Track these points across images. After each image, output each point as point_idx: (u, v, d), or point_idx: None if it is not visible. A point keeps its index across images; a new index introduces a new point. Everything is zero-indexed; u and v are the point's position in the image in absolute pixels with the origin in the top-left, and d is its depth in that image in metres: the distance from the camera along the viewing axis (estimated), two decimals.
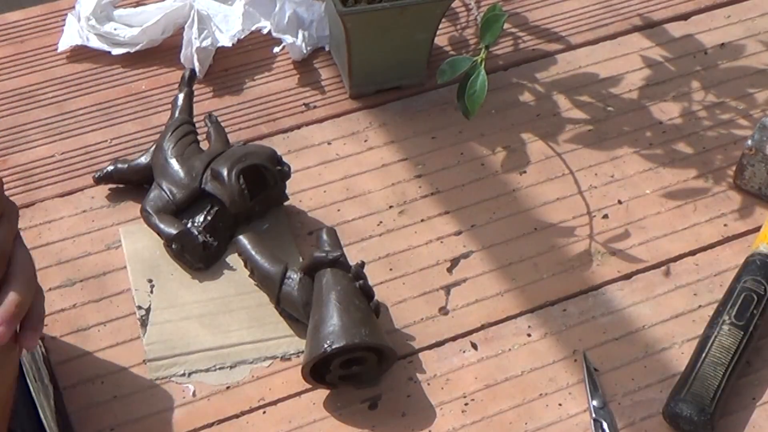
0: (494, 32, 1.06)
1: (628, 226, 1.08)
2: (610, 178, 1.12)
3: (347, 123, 1.16)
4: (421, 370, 0.96)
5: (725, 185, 1.11)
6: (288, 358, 0.96)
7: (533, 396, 0.95)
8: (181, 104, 1.08)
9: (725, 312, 0.96)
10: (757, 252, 1.00)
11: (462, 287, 1.02)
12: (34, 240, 1.03)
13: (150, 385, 0.94)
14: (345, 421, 0.93)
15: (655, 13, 1.28)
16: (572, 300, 1.02)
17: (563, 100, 1.19)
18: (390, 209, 1.08)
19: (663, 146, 1.15)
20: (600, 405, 0.94)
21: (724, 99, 1.20)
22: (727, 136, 1.16)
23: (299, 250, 1.04)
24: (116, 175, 1.07)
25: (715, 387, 0.92)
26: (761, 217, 1.08)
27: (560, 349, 0.98)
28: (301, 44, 1.20)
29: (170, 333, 0.97)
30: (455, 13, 1.27)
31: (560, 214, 1.09)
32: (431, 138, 1.15)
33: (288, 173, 1.05)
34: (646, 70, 1.23)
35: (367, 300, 0.95)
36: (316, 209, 1.08)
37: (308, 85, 1.20)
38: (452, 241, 1.06)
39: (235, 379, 0.95)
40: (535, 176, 1.12)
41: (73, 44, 1.20)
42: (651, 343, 0.99)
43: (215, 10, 1.23)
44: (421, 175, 1.11)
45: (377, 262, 1.03)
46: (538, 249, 1.05)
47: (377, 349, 0.92)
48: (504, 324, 1.00)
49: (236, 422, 0.93)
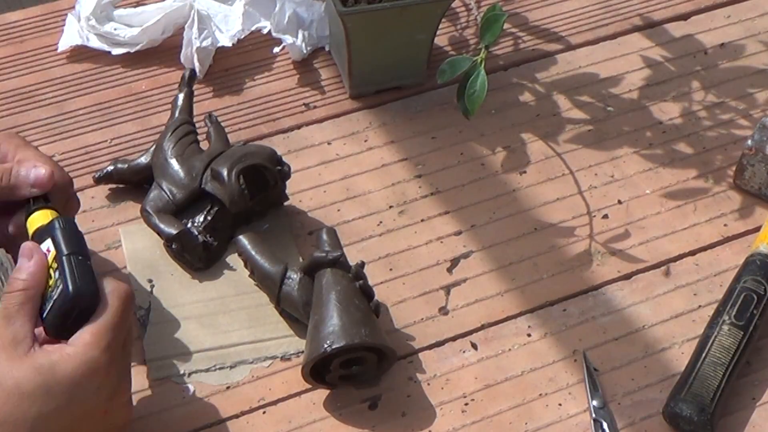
0: (494, 32, 1.06)
1: (628, 226, 1.08)
2: (610, 178, 1.12)
3: (347, 123, 1.16)
4: (421, 370, 0.96)
5: (725, 185, 1.11)
6: (288, 358, 0.96)
7: (533, 396, 0.95)
8: (181, 104, 1.08)
9: (725, 312, 0.96)
10: (757, 252, 1.00)
11: (462, 287, 1.02)
12: None
13: (150, 385, 0.94)
14: (345, 421, 0.93)
15: (655, 13, 1.28)
16: (572, 300, 1.02)
17: (563, 100, 1.19)
18: (390, 209, 1.08)
19: (663, 146, 1.15)
20: (600, 405, 0.94)
21: (724, 99, 1.20)
22: (727, 136, 1.16)
23: (299, 250, 1.04)
24: (116, 175, 1.07)
25: (715, 387, 0.92)
26: (761, 217, 1.08)
27: (560, 349, 0.98)
28: (301, 44, 1.20)
29: (170, 333, 0.97)
30: (455, 13, 1.27)
31: (560, 214, 1.09)
32: (431, 138, 1.15)
33: (288, 173, 1.05)
34: (646, 70, 1.23)
35: (367, 300, 0.95)
36: (316, 209, 1.08)
37: (308, 85, 1.20)
38: (452, 241, 1.06)
39: (235, 379, 0.95)
40: (535, 176, 1.12)
41: (73, 44, 1.20)
42: (651, 343, 0.99)
43: (215, 10, 1.23)
44: (421, 175, 1.11)
45: (377, 262, 1.03)
46: (538, 249, 1.05)
47: (377, 349, 0.92)
48: (504, 324, 1.00)
49: (236, 422, 0.93)
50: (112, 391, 0.81)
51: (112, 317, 0.81)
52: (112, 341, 0.80)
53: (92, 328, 0.80)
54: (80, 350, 0.79)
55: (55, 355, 0.79)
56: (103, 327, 0.80)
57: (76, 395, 0.79)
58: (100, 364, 0.79)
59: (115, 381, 0.81)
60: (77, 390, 0.79)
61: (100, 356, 0.79)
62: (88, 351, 0.79)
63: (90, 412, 0.80)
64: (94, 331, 0.80)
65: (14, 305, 0.80)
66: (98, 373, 0.79)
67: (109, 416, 0.82)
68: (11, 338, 0.79)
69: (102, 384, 0.80)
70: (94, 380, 0.79)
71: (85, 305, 0.81)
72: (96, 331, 0.80)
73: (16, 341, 0.79)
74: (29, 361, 0.78)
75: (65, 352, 0.79)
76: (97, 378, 0.79)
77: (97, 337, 0.80)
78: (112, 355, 0.81)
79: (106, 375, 0.80)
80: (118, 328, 0.81)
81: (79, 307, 0.81)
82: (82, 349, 0.79)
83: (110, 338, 0.80)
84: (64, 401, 0.78)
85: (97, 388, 0.80)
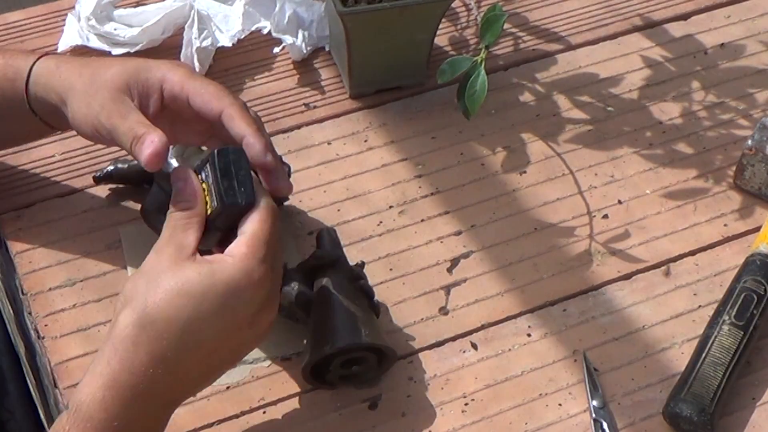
0: (494, 32, 1.06)
1: (628, 226, 1.08)
2: (610, 178, 1.12)
3: (347, 123, 1.16)
4: (421, 370, 0.96)
5: (725, 185, 1.11)
6: (288, 358, 0.96)
7: (533, 396, 0.95)
8: None
9: (725, 312, 0.96)
10: (757, 252, 1.00)
11: (462, 287, 1.02)
12: (34, 240, 1.03)
13: None
14: (345, 421, 0.93)
15: (655, 13, 1.28)
16: (572, 300, 1.02)
17: (563, 100, 1.19)
18: (390, 209, 1.08)
19: (663, 146, 1.15)
20: (600, 405, 0.94)
21: (724, 99, 1.20)
22: (727, 136, 1.16)
23: (299, 250, 1.04)
24: (116, 175, 1.07)
25: (715, 387, 0.92)
26: (761, 217, 1.08)
27: (560, 349, 0.98)
28: (301, 44, 1.20)
29: None
30: (455, 13, 1.27)
31: (560, 214, 1.09)
32: (431, 138, 1.15)
33: (288, 173, 1.05)
34: (646, 70, 1.23)
35: (367, 300, 0.95)
36: (316, 209, 1.08)
37: (308, 85, 1.20)
38: (452, 241, 1.06)
39: (235, 379, 0.95)
40: (535, 176, 1.12)
41: (73, 44, 1.20)
42: (651, 343, 0.99)
43: (215, 10, 1.23)
44: (421, 175, 1.11)
45: (377, 262, 1.03)
46: (538, 249, 1.05)
47: (377, 349, 0.92)
48: (504, 324, 1.00)
49: (236, 422, 0.93)
50: (261, 304, 0.82)
51: (267, 231, 0.82)
52: (267, 254, 0.82)
53: (248, 241, 0.82)
54: (238, 260, 0.81)
55: (216, 263, 0.81)
56: (259, 239, 0.82)
57: (230, 303, 0.80)
58: (255, 274, 0.81)
59: (266, 294, 0.82)
60: (232, 298, 0.80)
61: (257, 267, 0.81)
62: (246, 261, 0.81)
63: (239, 321, 0.81)
64: (250, 243, 0.81)
65: (179, 219, 0.83)
66: (253, 283, 0.81)
67: (253, 328, 0.83)
68: (177, 245, 0.82)
69: (254, 295, 0.81)
70: (248, 290, 0.81)
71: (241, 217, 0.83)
72: (252, 243, 0.81)
73: (181, 247, 0.81)
74: (191, 265, 0.80)
75: (225, 261, 0.81)
76: (251, 288, 0.81)
77: (254, 249, 0.81)
78: (267, 268, 0.82)
79: (260, 287, 0.81)
80: (272, 242, 0.82)
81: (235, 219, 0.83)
82: (240, 259, 0.81)
83: (265, 251, 0.82)
84: (218, 306, 0.80)
85: (250, 298, 0.81)
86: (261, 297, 0.82)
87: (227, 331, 0.81)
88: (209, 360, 0.82)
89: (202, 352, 0.81)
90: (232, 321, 0.81)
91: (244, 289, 0.81)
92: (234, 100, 0.88)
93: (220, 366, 0.84)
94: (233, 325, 0.81)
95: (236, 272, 0.80)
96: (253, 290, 0.81)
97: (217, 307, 0.80)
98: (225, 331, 0.81)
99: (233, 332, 0.82)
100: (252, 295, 0.81)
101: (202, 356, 0.81)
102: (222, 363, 0.84)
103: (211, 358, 0.82)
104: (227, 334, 0.81)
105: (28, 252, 1.03)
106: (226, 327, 0.81)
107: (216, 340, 0.81)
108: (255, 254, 0.81)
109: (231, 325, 0.81)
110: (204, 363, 0.82)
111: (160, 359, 0.79)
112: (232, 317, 0.81)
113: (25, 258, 1.03)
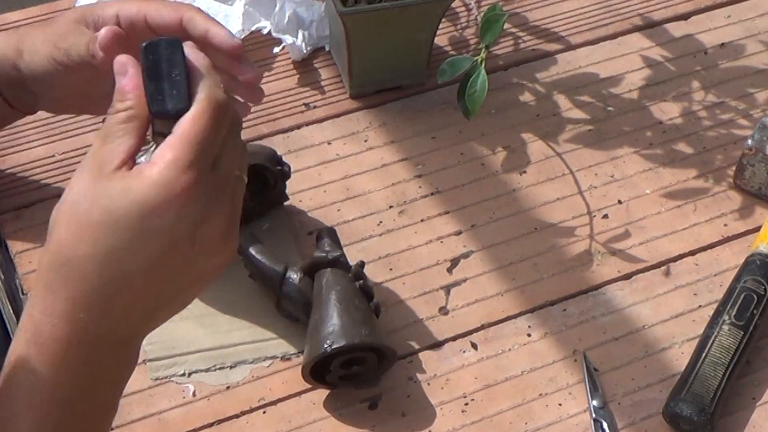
0: (494, 32, 1.06)
1: (628, 226, 1.08)
2: (610, 178, 1.12)
3: (347, 123, 1.16)
4: (421, 370, 0.96)
5: (725, 185, 1.11)
6: (288, 358, 0.96)
7: (533, 396, 0.95)
8: None
9: (725, 312, 0.96)
10: (757, 252, 1.00)
11: (462, 287, 1.02)
12: (34, 240, 1.03)
13: (150, 385, 0.94)
14: (345, 421, 0.93)
15: (655, 13, 1.28)
16: (572, 300, 1.02)
17: (563, 100, 1.19)
18: (390, 209, 1.08)
19: (663, 146, 1.15)
20: (600, 405, 0.94)
21: (724, 99, 1.20)
22: (727, 136, 1.16)
23: (299, 250, 1.04)
24: None
25: (715, 387, 0.92)
26: (761, 217, 1.08)
27: (560, 349, 0.98)
28: (301, 44, 1.20)
29: (170, 333, 0.97)
30: (455, 13, 1.27)
31: (560, 214, 1.09)
32: (431, 138, 1.15)
33: (288, 173, 1.05)
34: (646, 70, 1.23)
35: (367, 300, 0.95)
36: (316, 209, 1.08)
37: (308, 85, 1.20)
38: (452, 241, 1.06)
39: (235, 379, 0.95)
40: (535, 176, 1.12)
41: None
42: (651, 343, 0.99)
43: (215, 10, 1.23)
44: (421, 175, 1.11)
45: (377, 262, 1.03)
46: (538, 249, 1.05)
47: (377, 349, 0.92)
48: (504, 324, 1.00)
49: (236, 422, 0.93)
50: (199, 218, 0.68)
51: (201, 128, 0.68)
52: (196, 158, 0.67)
53: (174, 143, 0.68)
54: (155, 171, 0.67)
55: (133, 177, 0.67)
56: (187, 141, 0.67)
57: (149, 224, 0.67)
58: (178, 185, 0.67)
59: (202, 206, 0.68)
60: (149, 218, 0.67)
61: (179, 176, 0.67)
62: (165, 171, 0.67)
63: (174, 241, 0.68)
64: (176, 147, 0.67)
65: (112, 125, 0.69)
66: (175, 196, 0.67)
67: (198, 245, 0.69)
68: (99, 160, 0.68)
69: (181, 210, 0.67)
70: (171, 205, 0.67)
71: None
72: (178, 146, 0.67)
73: (102, 163, 0.68)
74: (108, 184, 0.67)
75: (143, 172, 0.67)
76: (175, 202, 0.67)
77: (179, 154, 0.67)
78: (196, 175, 0.67)
79: (187, 199, 0.67)
80: (204, 141, 0.68)
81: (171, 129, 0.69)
82: (158, 170, 0.67)
83: (193, 155, 0.67)
84: (137, 231, 0.67)
85: (175, 214, 0.67)
86: (195, 210, 0.68)
87: (162, 256, 0.68)
88: (155, 290, 0.69)
89: (138, 284, 0.68)
90: (162, 243, 0.67)
91: (163, 204, 0.67)
92: (192, 7, 0.83)
93: (179, 293, 0.71)
94: (167, 247, 0.68)
95: (150, 188, 0.67)
96: (178, 204, 0.67)
97: (135, 232, 0.67)
98: (158, 257, 0.68)
99: (170, 255, 0.68)
100: (178, 209, 0.67)
101: (140, 288, 0.68)
102: (180, 290, 0.71)
103: (157, 288, 0.69)
104: (164, 260, 0.68)
105: (28, 252, 1.03)
106: (158, 251, 0.67)
107: (151, 268, 0.68)
108: (178, 161, 0.67)
109: (164, 248, 0.68)
110: (149, 294, 0.69)
111: (85, 303, 0.68)
112: (159, 239, 0.67)
113: (25, 258, 1.03)
